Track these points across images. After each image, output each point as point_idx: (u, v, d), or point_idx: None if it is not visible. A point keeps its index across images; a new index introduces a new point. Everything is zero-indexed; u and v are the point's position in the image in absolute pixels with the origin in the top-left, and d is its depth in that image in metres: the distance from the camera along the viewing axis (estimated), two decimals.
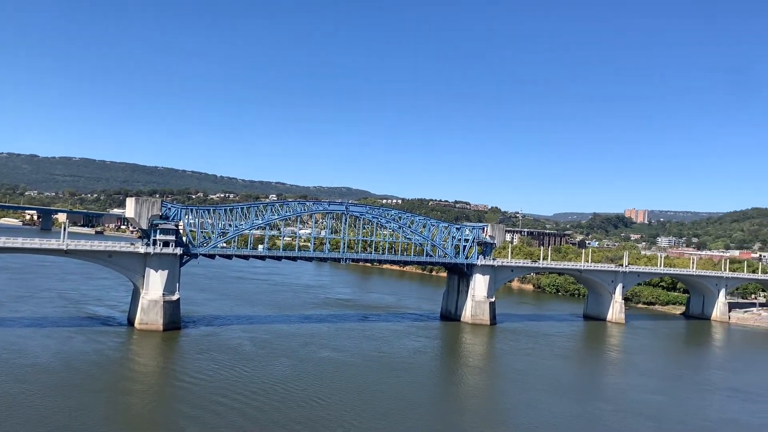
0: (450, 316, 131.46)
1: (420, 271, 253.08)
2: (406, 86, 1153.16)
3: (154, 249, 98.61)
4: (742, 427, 65.89)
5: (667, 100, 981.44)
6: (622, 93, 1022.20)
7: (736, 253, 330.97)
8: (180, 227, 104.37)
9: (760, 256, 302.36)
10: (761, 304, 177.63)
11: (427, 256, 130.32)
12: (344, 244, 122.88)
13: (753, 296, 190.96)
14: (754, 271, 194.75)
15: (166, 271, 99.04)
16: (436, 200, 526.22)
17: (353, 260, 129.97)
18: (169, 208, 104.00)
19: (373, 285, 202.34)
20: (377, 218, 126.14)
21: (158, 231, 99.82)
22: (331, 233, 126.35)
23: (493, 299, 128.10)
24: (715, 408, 74.69)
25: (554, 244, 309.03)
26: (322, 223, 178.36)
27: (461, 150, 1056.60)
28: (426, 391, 72.65)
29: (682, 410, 71.60)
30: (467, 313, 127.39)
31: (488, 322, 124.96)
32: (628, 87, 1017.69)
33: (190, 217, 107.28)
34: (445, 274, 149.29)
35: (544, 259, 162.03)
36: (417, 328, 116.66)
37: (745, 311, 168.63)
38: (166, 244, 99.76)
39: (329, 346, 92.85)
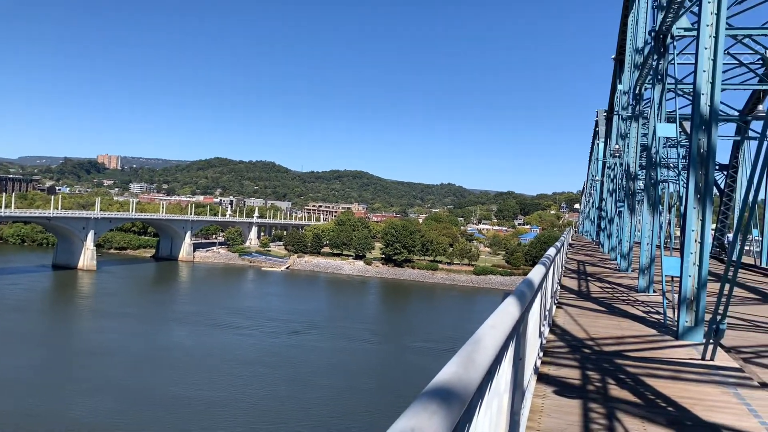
0: None
1: None
2: None
3: None
4: (190, 349, 74.13)
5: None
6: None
7: (201, 198, 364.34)
8: None
9: (221, 200, 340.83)
10: (220, 243, 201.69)
11: None
12: None
13: (214, 236, 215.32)
14: (215, 215, 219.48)
15: None
16: None
17: None
18: None
19: None
20: None
21: None
22: None
23: None
24: (166, 337, 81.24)
25: (20, 190, 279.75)
26: None
27: None
28: None
29: (138, 342, 75.75)
30: None
31: None
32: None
33: None
34: None
35: (7, 207, 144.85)
36: None
37: (207, 250, 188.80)
38: None
39: None
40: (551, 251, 12.21)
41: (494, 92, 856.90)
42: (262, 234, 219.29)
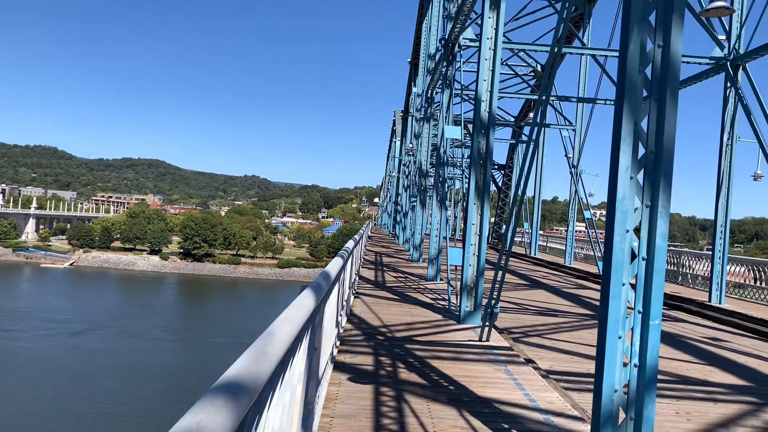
0: None
1: None
2: None
3: None
4: None
5: None
6: None
7: None
8: None
9: None
10: None
11: None
12: None
13: None
14: None
15: None
16: None
17: None
18: None
19: None
20: None
21: None
22: None
23: None
24: None
25: None
26: None
27: None
28: None
29: None
30: None
31: None
32: None
33: None
34: None
35: None
36: None
37: None
38: None
39: None
40: (350, 244, 12.69)
41: (298, 85, 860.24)
42: (42, 227, 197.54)
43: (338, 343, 10.07)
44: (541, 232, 43.89)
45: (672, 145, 5.31)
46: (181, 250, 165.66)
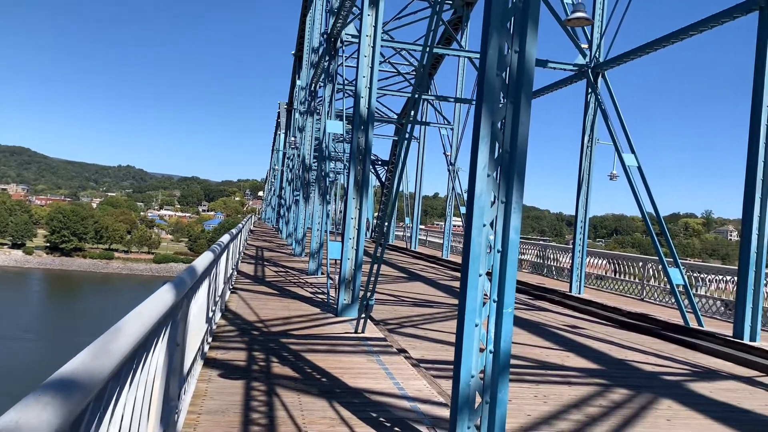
0: None
1: None
2: None
3: None
4: None
5: None
6: None
7: None
8: None
9: None
10: None
11: None
12: None
13: None
14: None
15: None
16: None
17: None
18: None
19: None
20: None
21: None
22: None
23: None
24: None
25: None
26: None
27: None
28: None
29: None
30: None
31: None
32: None
33: None
34: None
35: None
36: None
37: None
38: None
39: None
40: (225, 237, 12.43)
41: (178, 73, 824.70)
42: None
43: (210, 339, 9.85)
44: (422, 227, 45.13)
45: (525, 145, 5.68)
46: (48, 244, 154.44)
